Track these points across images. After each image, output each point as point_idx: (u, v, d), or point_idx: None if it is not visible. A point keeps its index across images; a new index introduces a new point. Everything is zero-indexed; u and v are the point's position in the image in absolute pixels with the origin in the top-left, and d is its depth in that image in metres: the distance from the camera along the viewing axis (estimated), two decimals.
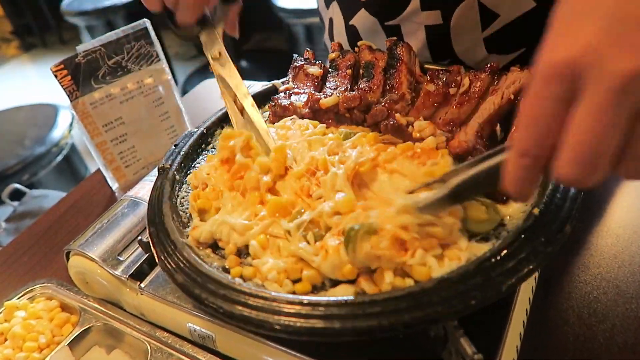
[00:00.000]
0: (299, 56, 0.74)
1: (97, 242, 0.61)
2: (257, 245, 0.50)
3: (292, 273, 0.48)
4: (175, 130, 0.93)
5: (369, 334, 0.40)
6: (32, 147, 1.87)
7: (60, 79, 0.78)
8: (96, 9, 2.99)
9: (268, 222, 0.52)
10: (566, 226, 0.44)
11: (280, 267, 0.48)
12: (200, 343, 0.55)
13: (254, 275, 0.49)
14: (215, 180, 0.58)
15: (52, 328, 0.62)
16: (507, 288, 0.41)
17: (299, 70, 0.72)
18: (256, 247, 0.50)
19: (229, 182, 0.57)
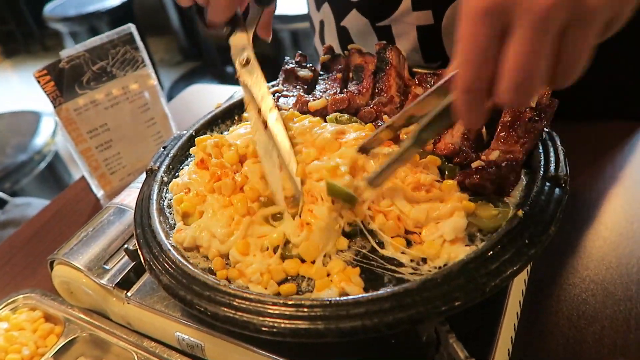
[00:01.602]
0: (290, 59, 0.73)
1: (82, 250, 0.60)
2: (236, 254, 0.51)
3: (276, 274, 0.48)
4: (161, 136, 0.92)
5: (353, 334, 0.40)
6: (14, 154, 1.84)
7: (43, 85, 0.77)
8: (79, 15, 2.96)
9: (246, 224, 0.52)
10: (550, 228, 0.45)
11: (263, 268, 0.48)
12: (189, 352, 0.54)
13: (239, 277, 0.49)
14: (196, 183, 0.58)
15: (35, 339, 0.60)
16: (491, 289, 0.41)
17: (290, 73, 0.72)
18: (236, 255, 0.51)
19: (209, 184, 0.57)
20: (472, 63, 0.36)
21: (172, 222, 0.57)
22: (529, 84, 0.34)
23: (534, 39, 0.33)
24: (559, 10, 0.32)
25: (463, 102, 0.38)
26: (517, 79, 0.34)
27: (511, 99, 0.35)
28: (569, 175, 0.50)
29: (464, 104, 0.38)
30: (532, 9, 0.32)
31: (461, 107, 0.38)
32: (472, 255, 0.43)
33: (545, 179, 0.50)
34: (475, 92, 0.37)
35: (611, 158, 0.77)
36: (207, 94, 1.25)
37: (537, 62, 0.34)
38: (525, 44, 0.33)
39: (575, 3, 0.32)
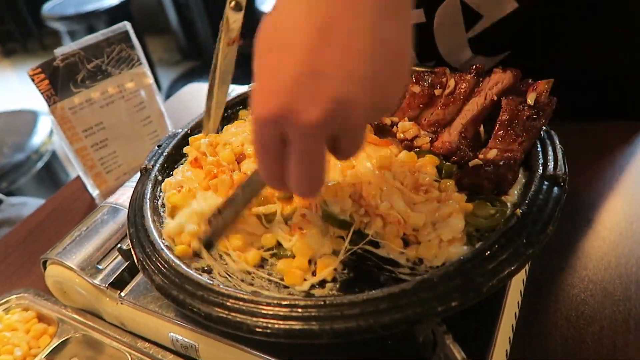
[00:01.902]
0: None
1: (75, 250, 0.59)
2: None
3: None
4: (157, 135, 0.91)
5: (348, 335, 0.40)
6: (11, 154, 1.83)
7: (38, 83, 0.76)
8: (78, 14, 2.95)
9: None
10: (548, 227, 0.44)
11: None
12: (183, 353, 0.54)
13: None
14: (190, 181, 0.58)
15: (28, 340, 0.60)
16: (488, 289, 0.40)
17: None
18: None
19: (204, 181, 0.57)
20: (263, 163, 0.40)
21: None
22: (313, 181, 0.40)
23: (308, 150, 0.37)
24: (323, 127, 0.35)
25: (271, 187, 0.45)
26: (300, 180, 0.39)
27: (302, 192, 0.42)
28: (568, 175, 0.50)
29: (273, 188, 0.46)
30: (299, 125, 0.35)
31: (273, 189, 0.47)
32: (469, 255, 0.42)
33: (544, 177, 0.49)
34: (275, 183, 0.41)
35: (611, 158, 0.77)
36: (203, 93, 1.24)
37: (314, 166, 0.39)
38: (299, 155, 0.38)
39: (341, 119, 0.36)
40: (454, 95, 0.58)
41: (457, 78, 0.58)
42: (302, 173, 0.39)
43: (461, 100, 0.57)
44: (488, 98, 0.55)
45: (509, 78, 0.56)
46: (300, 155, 0.38)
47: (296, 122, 0.35)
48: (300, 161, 0.38)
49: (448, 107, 0.57)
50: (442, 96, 0.58)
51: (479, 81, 0.58)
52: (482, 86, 0.57)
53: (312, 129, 0.35)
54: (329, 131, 0.37)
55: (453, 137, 0.54)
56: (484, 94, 0.56)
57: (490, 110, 0.55)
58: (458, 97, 0.57)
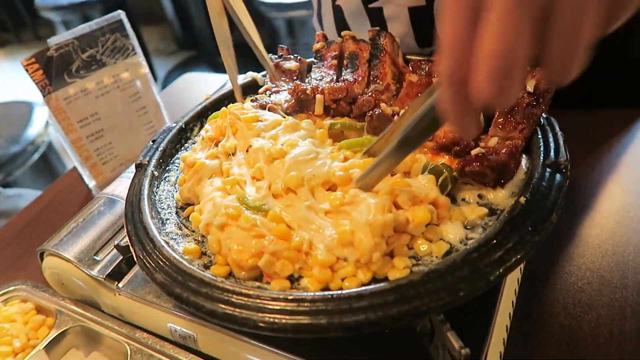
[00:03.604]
0: (272, 55, 0.72)
1: (72, 241, 0.59)
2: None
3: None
4: (153, 126, 0.90)
5: (357, 329, 0.39)
6: (6, 145, 1.82)
7: (32, 74, 0.76)
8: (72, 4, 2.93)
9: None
10: (553, 215, 0.44)
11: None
12: (182, 343, 0.54)
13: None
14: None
15: (27, 331, 0.59)
16: (495, 278, 0.40)
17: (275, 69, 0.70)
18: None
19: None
20: (449, 48, 0.31)
21: (164, 217, 0.56)
22: (507, 72, 0.29)
23: (510, 17, 0.28)
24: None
25: (447, 97, 0.33)
26: (492, 66, 0.29)
27: (489, 92, 0.30)
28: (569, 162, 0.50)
29: (447, 99, 0.33)
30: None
31: (446, 105, 0.33)
32: (475, 245, 0.42)
33: (546, 165, 0.49)
34: (458, 85, 0.31)
35: (609, 146, 0.77)
36: (199, 83, 1.23)
37: (515, 46, 0.28)
38: (500, 24, 0.28)
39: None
40: None
41: None
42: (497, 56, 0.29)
43: None
44: None
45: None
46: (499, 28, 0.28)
47: None
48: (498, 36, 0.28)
49: None
50: None
51: None
52: None
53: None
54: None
55: None
56: None
57: None
58: None
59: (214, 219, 0.50)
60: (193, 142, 0.68)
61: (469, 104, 0.32)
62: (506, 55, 0.29)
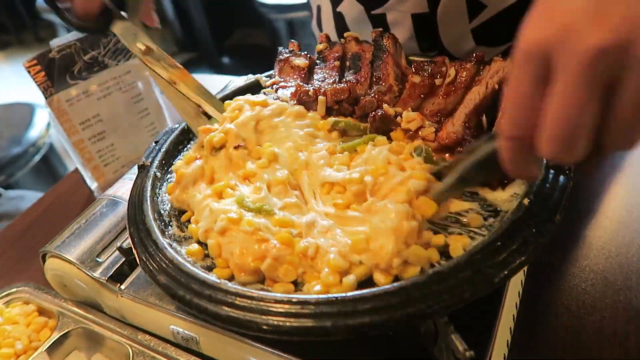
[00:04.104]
0: (283, 49, 0.72)
1: (75, 243, 0.59)
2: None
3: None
4: (155, 127, 0.90)
5: (361, 331, 0.39)
6: (8, 147, 1.82)
7: (34, 75, 0.76)
8: None
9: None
10: (556, 216, 0.44)
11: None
12: (184, 345, 0.54)
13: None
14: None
15: (29, 333, 0.59)
16: (500, 280, 0.40)
17: (285, 64, 0.70)
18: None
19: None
20: (513, 109, 0.33)
21: (167, 219, 0.56)
22: (571, 138, 0.31)
23: (577, 89, 0.29)
24: (609, 55, 0.28)
25: (506, 149, 0.35)
26: (556, 131, 0.31)
27: (552, 152, 0.32)
28: None
29: (507, 151, 0.35)
30: (577, 51, 0.28)
31: (504, 154, 0.36)
32: (479, 246, 0.42)
33: (549, 166, 0.48)
34: (516, 141, 0.34)
35: None
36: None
37: (579, 116, 0.30)
38: (567, 94, 0.30)
39: (629, 45, 0.28)
40: (455, 84, 0.57)
41: (458, 67, 0.58)
42: (561, 123, 0.30)
43: (462, 89, 0.57)
44: (489, 87, 0.55)
45: (509, 66, 0.55)
46: (565, 97, 0.30)
47: (571, 44, 0.28)
48: (564, 105, 0.30)
49: (449, 96, 0.57)
50: (442, 85, 0.58)
51: (479, 69, 0.57)
52: (482, 75, 0.56)
53: (590, 54, 0.28)
54: (612, 65, 0.28)
55: (457, 128, 0.53)
56: (485, 83, 0.55)
57: (492, 98, 0.55)
58: (459, 86, 0.57)
59: (214, 224, 0.49)
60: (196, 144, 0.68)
61: (527, 156, 0.35)
62: (570, 123, 0.30)
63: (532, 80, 0.31)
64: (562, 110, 0.30)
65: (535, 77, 0.31)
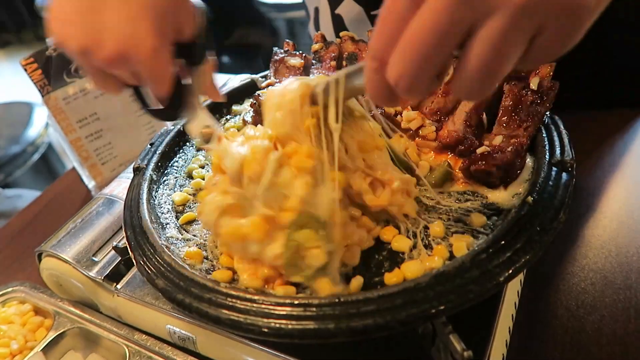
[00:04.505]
0: (279, 49, 0.71)
1: (70, 242, 0.59)
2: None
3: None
4: (152, 126, 0.90)
5: (365, 333, 0.38)
6: (6, 146, 1.81)
7: (31, 73, 0.75)
8: None
9: None
10: (560, 214, 0.43)
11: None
12: (181, 345, 0.53)
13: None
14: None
15: (24, 333, 0.59)
16: (505, 279, 0.39)
17: (280, 64, 0.70)
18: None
19: None
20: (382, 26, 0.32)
21: (164, 221, 0.55)
22: (424, 64, 0.30)
23: (443, 12, 0.28)
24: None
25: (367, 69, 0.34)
26: (411, 51, 0.30)
27: (396, 74, 0.31)
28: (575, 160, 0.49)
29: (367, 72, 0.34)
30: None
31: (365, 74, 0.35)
32: (483, 246, 0.41)
33: (552, 164, 0.48)
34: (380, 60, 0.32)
35: (611, 146, 0.76)
36: None
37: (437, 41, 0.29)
38: (432, 13, 0.29)
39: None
40: None
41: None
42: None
43: None
44: None
45: None
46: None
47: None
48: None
49: (449, 94, 0.56)
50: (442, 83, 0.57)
51: None
52: None
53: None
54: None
55: (458, 126, 0.53)
56: None
57: (492, 96, 0.55)
58: None
59: None
60: (191, 145, 0.67)
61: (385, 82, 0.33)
62: (423, 47, 0.30)
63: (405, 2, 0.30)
64: (421, 30, 0.29)
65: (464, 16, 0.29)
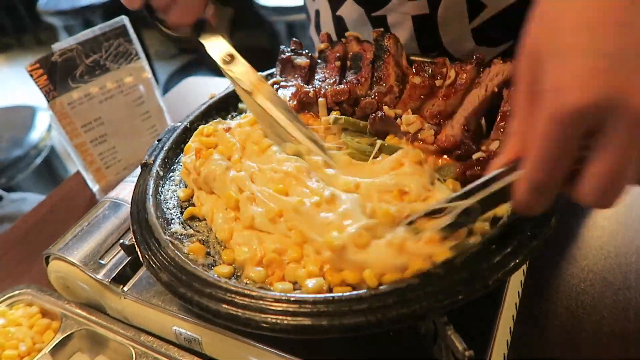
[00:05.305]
0: (285, 47, 0.72)
1: (78, 245, 0.59)
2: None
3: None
4: (156, 130, 0.91)
5: (357, 330, 0.40)
6: (9, 150, 1.82)
7: (36, 79, 0.76)
8: (73, 8, 2.93)
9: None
10: (552, 219, 0.44)
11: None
12: (187, 346, 0.54)
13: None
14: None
15: (32, 335, 0.60)
16: (494, 282, 0.41)
17: (286, 62, 0.71)
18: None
19: None
20: (549, 164, 0.33)
21: (169, 217, 0.57)
22: (615, 189, 0.33)
23: (628, 147, 0.31)
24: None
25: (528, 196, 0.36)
26: (603, 184, 0.33)
27: (594, 201, 0.34)
28: None
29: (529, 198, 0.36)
30: (631, 113, 0.30)
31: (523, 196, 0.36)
32: (474, 249, 0.42)
33: None
34: (544, 190, 0.35)
35: None
36: (202, 87, 1.24)
37: (626, 170, 0.32)
38: (618, 151, 0.31)
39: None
40: (455, 86, 0.57)
41: (458, 68, 0.58)
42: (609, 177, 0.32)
43: (462, 91, 0.57)
44: (489, 90, 0.55)
45: (509, 69, 0.55)
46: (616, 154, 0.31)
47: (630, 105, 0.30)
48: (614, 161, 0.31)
49: (449, 98, 0.57)
50: (442, 87, 0.58)
51: (479, 71, 0.58)
52: (482, 77, 0.57)
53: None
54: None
55: (456, 131, 0.54)
56: (485, 86, 0.56)
57: (491, 102, 0.55)
58: (459, 88, 0.57)
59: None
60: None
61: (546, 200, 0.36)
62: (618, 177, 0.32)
63: (578, 136, 0.32)
64: (612, 167, 0.32)
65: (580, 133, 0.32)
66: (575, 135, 0.32)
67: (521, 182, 0.35)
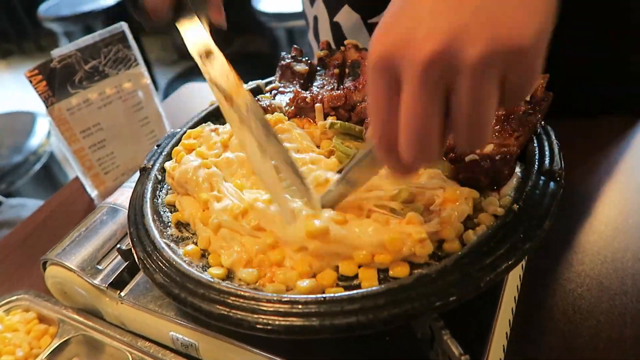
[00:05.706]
0: (286, 54, 0.73)
1: (75, 251, 0.60)
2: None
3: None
4: (155, 136, 0.91)
5: (348, 331, 0.40)
6: (8, 155, 1.83)
7: (35, 85, 0.77)
8: (74, 15, 2.95)
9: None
10: (545, 222, 0.44)
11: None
12: (184, 352, 0.54)
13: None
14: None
15: (29, 340, 0.60)
16: (486, 284, 0.41)
17: (286, 68, 0.71)
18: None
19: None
20: (376, 118, 0.36)
21: (166, 220, 0.57)
22: (424, 140, 0.34)
23: (419, 96, 0.32)
24: (439, 63, 0.31)
25: (381, 153, 0.38)
26: (409, 137, 0.34)
27: (410, 155, 0.35)
28: (564, 170, 0.50)
29: (382, 156, 0.38)
30: (414, 61, 0.31)
31: (381, 158, 0.38)
32: (466, 250, 0.43)
33: (540, 173, 0.49)
34: (387, 146, 0.36)
35: (606, 152, 0.77)
36: (201, 93, 1.24)
37: (425, 121, 0.33)
38: (413, 100, 0.32)
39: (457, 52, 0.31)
40: None
41: None
42: (414, 127, 0.33)
43: None
44: None
45: None
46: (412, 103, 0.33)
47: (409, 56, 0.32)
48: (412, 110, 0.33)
49: None
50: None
51: None
52: None
53: (423, 64, 0.31)
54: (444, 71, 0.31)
55: None
56: None
57: None
58: None
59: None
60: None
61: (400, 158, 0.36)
62: (420, 129, 0.33)
63: (385, 91, 0.34)
64: (410, 117, 0.33)
65: (387, 88, 0.34)
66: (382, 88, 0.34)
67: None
